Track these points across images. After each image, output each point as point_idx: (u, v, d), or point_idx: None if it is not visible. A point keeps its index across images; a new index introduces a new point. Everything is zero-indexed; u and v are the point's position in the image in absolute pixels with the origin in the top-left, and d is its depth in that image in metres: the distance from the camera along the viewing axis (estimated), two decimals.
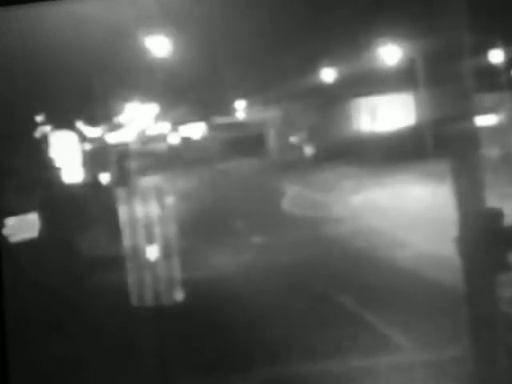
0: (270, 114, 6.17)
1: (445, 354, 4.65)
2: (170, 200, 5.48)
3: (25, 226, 4.94)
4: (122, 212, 5.40)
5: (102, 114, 5.48)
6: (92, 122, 5.53)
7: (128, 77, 5.06)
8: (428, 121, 5.72)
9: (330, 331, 4.71)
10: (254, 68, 5.33)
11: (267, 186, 5.87)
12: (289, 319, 4.77)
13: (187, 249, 5.28)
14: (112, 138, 5.68)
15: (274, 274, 5.04)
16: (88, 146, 5.64)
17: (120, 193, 5.47)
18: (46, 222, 5.05)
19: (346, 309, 5.05)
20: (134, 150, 5.78)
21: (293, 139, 6.21)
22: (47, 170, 5.26)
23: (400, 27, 5.14)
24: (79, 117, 5.45)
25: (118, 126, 5.67)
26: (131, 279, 5.16)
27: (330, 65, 5.75)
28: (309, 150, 6.01)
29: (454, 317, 4.47)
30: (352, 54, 5.38)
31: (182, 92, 5.43)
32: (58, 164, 5.34)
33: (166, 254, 5.35)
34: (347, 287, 4.99)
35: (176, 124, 5.97)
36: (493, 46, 5.60)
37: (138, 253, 5.34)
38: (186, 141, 6.03)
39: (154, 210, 5.48)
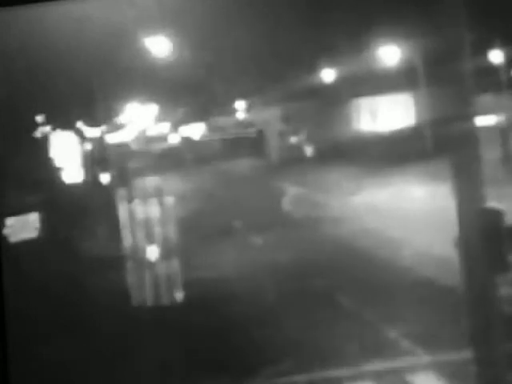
0: (270, 114, 6.18)
1: (445, 354, 4.65)
2: (169, 200, 5.49)
3: (25, 226, 4.94)
4: (122, 212, 5.40)
5: (102, 114, 5.48)
6: (92, 122, 5.53)
7: (128, 77, 5.06)
8: (428, 121, 5.72)
9: (329, 331, 4.71)
10: (254, 68, 5.33)
11: (267, 186, 5.87)
12: (289, 319, 4.77)
13: (187, 249, 5.28)
14: (112, 138, 5.68)
15: (274, 274, 5.04)
16: (88, 146, 5.64)
17: (120, 193, 5.48)
18: (46, 221, 5.05)
19: (346, 309, 5.05)
20: (134, 150, 5.78)
21: (293, 139, 6.21)
22: (47, 169, 5.26)
23: (400, 27, 5.14)
24: (79, 117, 5.45)
25: (118, 127, 5.67)
26: (131, 279, 5.16)
27: (330, 65, 5.75)
28: (309, 150, 6.01)
29: (454, 316, 4.47)
30: (352, 54, 5.38)
31: (181, 92, 5.43)
32: (58, 164, 5.34)
33: (166, 254, 5.35)
34: (347, 287, 4.99)
35: (176, 124, 5.97)
36: (493, 46, 5.60)
37: (137, 253, 5.34)
38: (185, 141, 6.03)
39: (153, 210, 5.48)
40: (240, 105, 5.92)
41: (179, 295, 5.15)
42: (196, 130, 6.05)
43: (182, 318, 4.85)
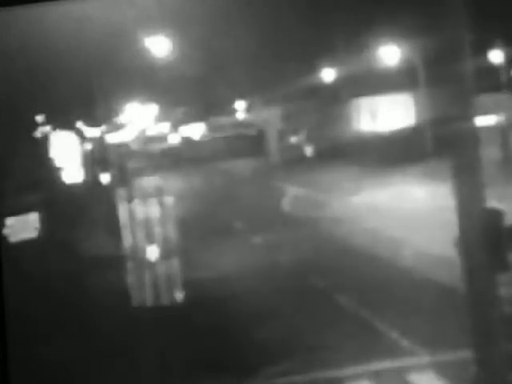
0: (270, 114, 6.18)
1: (445, 354, 4.65)
2: (169, 200, 5.49)
3: (25, 226, 4.95)
4: (122, 212, 5.40)
5: (102, 114, 5.48)
6: (92, 122, 5.53)
7: (128, 77, 5.06)
8: (428, 121, 5.72)
9: (329, 330, 4.71)
10: (254, 68, 5.34)
11: (267, 186, 5.87)
12: (289, 319, 4.77)
13: (187, 249, 5.28)
14: (112, 138, 5.68)
15: (274, 274, 5.04)
16: (88, 146, 5.65)
17: (120, 193, 5.48)
18: (46, 222, 5.05)
19: (346, 308, 5.05)
20: (134, 150, 5.79)
21: (293, 139, 6.22)
22: (47, 169, 5.27)
23: (400, 27, 5.14)
24: (79, 117, 5.45)
25: (118, 127, 5.68)
26: (131, 279, 5.16)
27: (330, 65, 5.75)
28: (309, 150, 6.02)
29: (454, 316, 4.47)
30: (352, 54, 5.38)
31: (181, 92, 5.44)
32: (58, 164, 5.34)
33: (166, 254, 5.35)
34: (347, 287, 4.99)
35: (176, 124, 5.98)
36: (493, 46, 5.60)
37: (137, 253, 5.34)
38: (185, 141, 6.04)
39: (153, 210, 5.48)
40: (240, 105, 5.92)
41: (179, 295, 5.15)
42: (196, 130, 6.05)
43: (182, 318, 4.85)
